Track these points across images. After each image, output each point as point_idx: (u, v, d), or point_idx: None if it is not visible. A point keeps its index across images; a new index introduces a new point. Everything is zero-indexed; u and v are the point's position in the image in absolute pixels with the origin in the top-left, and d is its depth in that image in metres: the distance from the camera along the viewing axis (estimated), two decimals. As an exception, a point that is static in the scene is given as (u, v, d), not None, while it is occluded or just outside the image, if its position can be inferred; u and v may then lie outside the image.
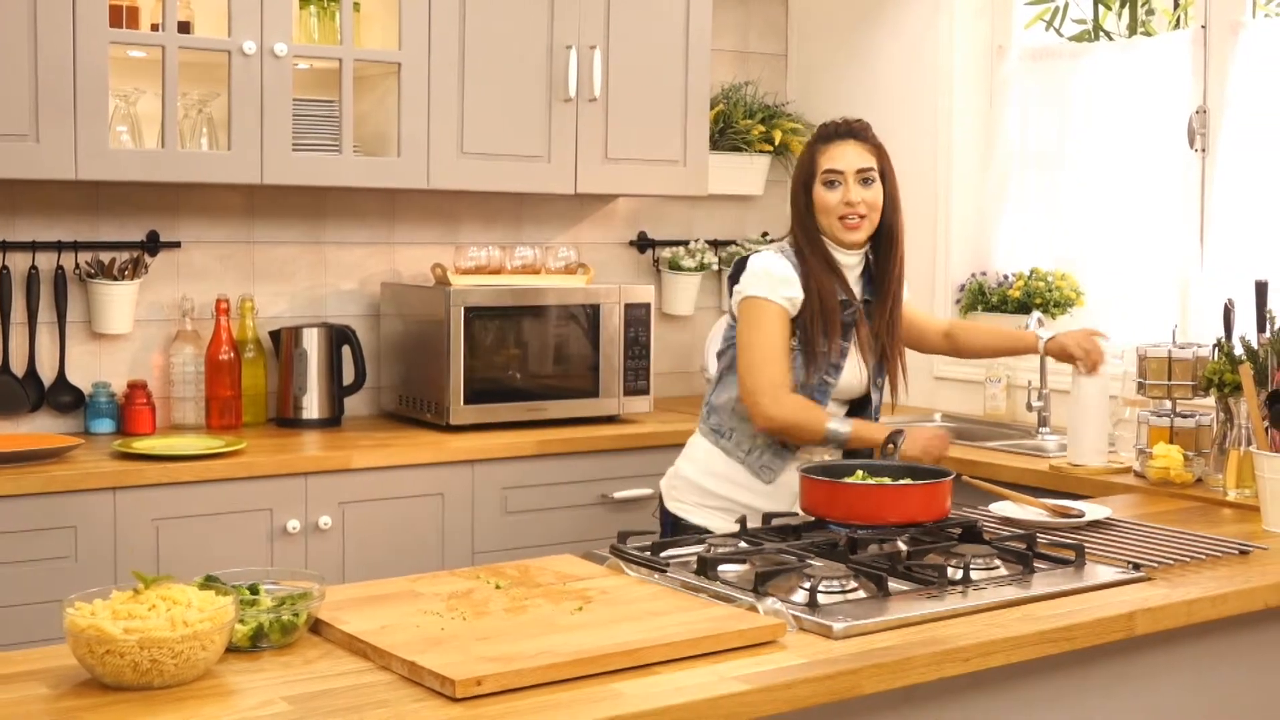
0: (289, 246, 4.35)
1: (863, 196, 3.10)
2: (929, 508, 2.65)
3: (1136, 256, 4.29)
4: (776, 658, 2.03)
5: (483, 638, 2.03)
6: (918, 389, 4.75)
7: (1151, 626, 2.33)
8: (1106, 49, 4.46)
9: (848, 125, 3.17)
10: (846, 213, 3.10)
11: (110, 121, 3.77)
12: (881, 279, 3.18)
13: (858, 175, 3.10)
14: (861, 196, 3.10)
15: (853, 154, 3.12)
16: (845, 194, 3.09)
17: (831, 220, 3.11)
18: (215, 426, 4.10)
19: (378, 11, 4.21)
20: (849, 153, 3.12)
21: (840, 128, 3.16)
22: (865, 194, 3.10)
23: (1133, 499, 3.27)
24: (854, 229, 3.11)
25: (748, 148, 4.99)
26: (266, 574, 2.22)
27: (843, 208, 3.09)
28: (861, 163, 3.11)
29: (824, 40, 5.16)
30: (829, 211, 3.11)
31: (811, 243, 3.12)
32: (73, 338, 4.03)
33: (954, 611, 2.24)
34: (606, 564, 2.50)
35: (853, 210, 3.09)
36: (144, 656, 1.81)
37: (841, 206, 3.09)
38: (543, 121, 4.30)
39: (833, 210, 3.10)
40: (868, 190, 3.11)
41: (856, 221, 3.10)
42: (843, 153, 3.12)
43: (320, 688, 1.87)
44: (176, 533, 3.56)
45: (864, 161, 3.12)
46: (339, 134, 4.02)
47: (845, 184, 3.10)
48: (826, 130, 3.17)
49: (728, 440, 3.20)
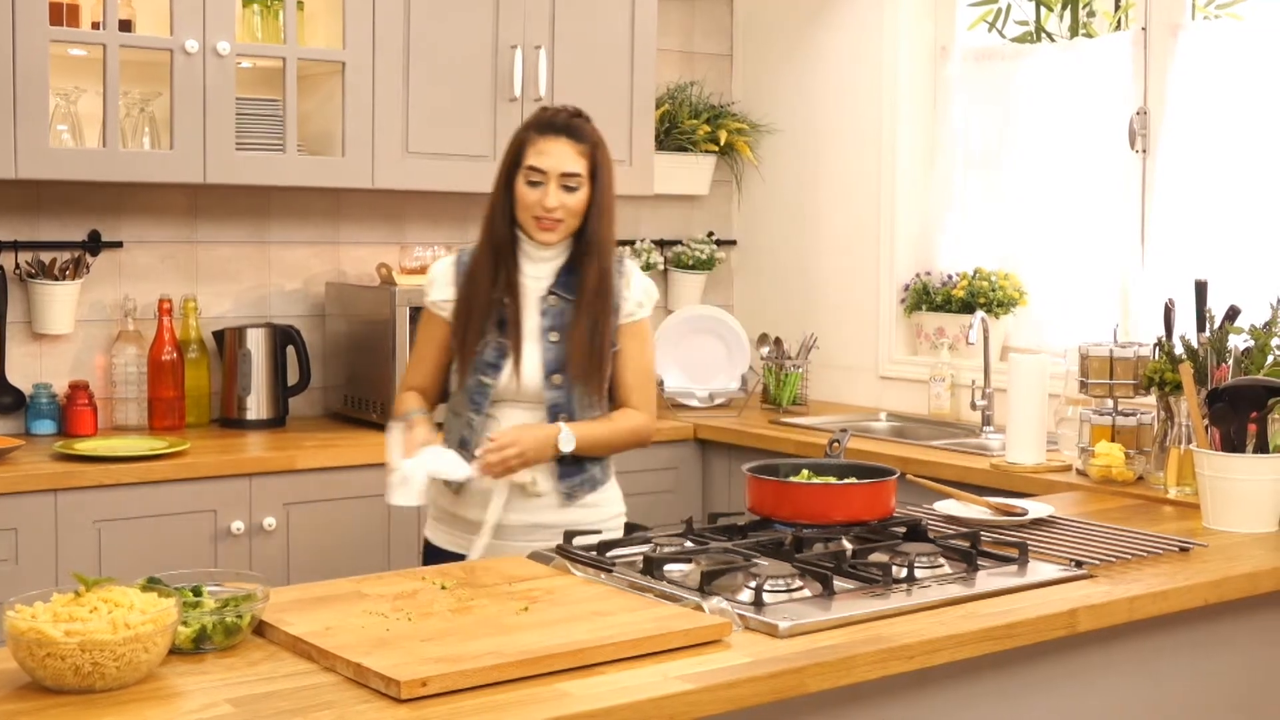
0: (233, 246, 4.32)
1: (561, 202, 2.92)
2: (873, 506, 2.67)
3: (1078, 256, 4.32)
4: (722, 657, 2.03)
5: (428, 639, 2.02)
6: (864, 389, 4.80)
7: (1094, 623, 2.35)
8: (1048, 50, 4.49)
9: (564, 119, 2.96)
10: (542, 215, 2.93)
11: (51, 120, 3.73)
12: (579, 288, 2.98)
13: (561, 179, 2.92)
14: (560, 202, 2.92)
15: (562, 154, 2.92)
16: (544, 197, 2.92)
17: (527, 217, 2.95)
18: (158, 427, 4.06)
19: (321, 10, 4.19)
20: (558, 152, 2.92)
21: (556, 120, 2.96)
22: (566, 199, 2.92)
23: (1075, 497, 3.30)
24: (548, 230, 2.94)
25: (693, 148, 5.00)
26: (210, 575, 2.21)
27: (539, 209, 2.92)
28: (568, 165, 2.92)
29: (769, 40, 5.17)
30: (526, 209, 2.94)
31: (496, 231, 2.97)
32: (13, 338, 3.98)
33: (899, 610, 2.25)
34: (553, 564, 2.50)
35: (548, 215, 2.92)
36: (85, 659, 1.80)
37: (538, 208, 2.92)
38: (488, 121, 4.29)
39: (529, 209, 2.93)
40: (569, 196, 2.93)
41: (551, 225, 2.94)
42: (551, 150, 2.93)
43: (265, 689, 1.86)
44: (119, 534, 3.53)
45: (572, 164, 2.92)
46: (283, 133, 4.00)
47: (546, 186, 2.92)
48: (543, 119, 2.97)
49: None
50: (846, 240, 4.90)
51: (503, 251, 2.97)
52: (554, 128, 2.94)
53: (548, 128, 2.94)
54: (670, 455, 4.41)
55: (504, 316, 2.96)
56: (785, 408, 4.70)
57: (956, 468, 3.68)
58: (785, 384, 4.73)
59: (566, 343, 2.96)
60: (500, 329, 2.95)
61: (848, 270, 4.90)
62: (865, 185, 4.82)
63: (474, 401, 2.97)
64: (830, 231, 4.96)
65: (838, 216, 4.93)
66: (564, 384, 2.96)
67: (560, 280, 2.99)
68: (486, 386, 2.96)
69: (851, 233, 4.88)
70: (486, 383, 2.96)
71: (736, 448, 4.33)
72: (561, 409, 2.96)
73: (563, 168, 2.91)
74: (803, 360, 4.77)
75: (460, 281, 2.99)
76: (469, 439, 2.97)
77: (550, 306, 2.98)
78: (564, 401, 2.97)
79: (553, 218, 2.92)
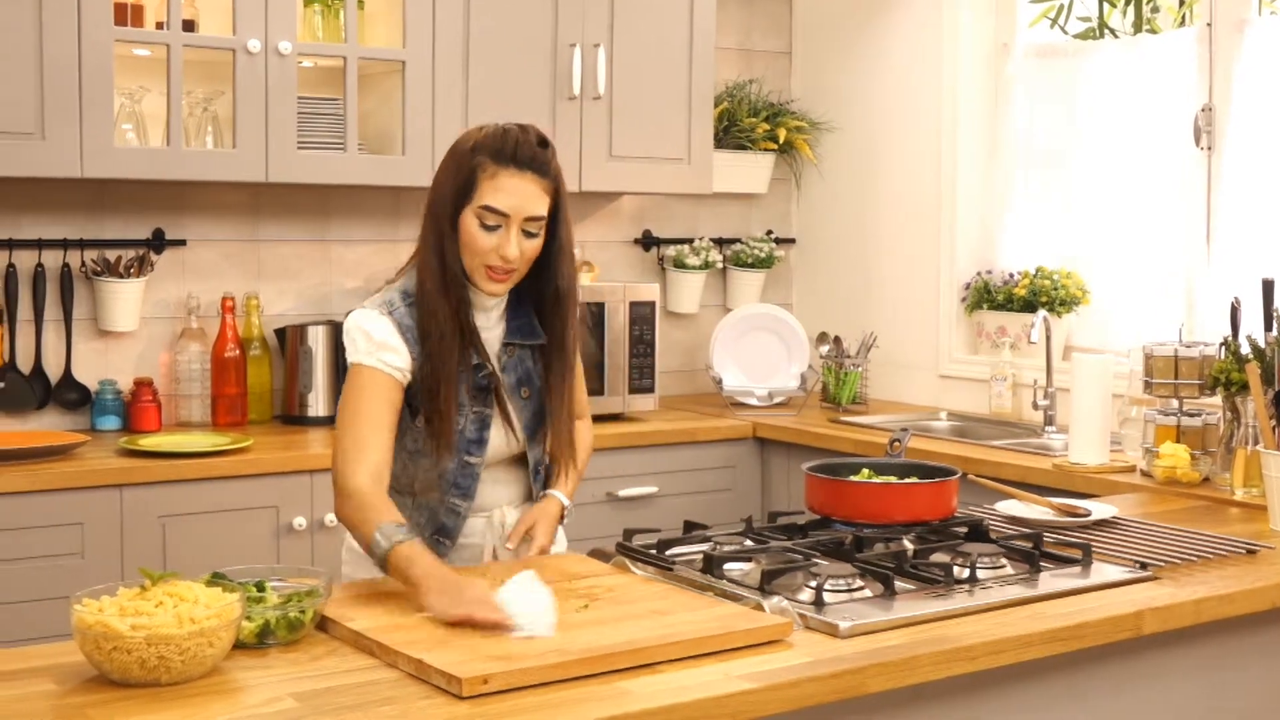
0: (294, 244, 4.35)
1: (522, 249, 2.43)
2: (935, 506, 2.65)
3: (1143, 254, 4.28)
4: (783, 656, 2.02)
5: (489, 635, 2.02)
6: (924, 388, 4.77)
7: (1159, 626, 2.33)
8: (1112, 47, 4.45)
9: (530, 151, 2.42)
10: (498, 265, 2.43)
11: (115, 120, 3.77)
12: (552, 345, 2.58)
13: (524, 224, 2.43)
14: (521, 250, 2.43)
15: (527, 194, 2.41)
16: (503, 245, 2.41)
17: (475, 264, 2.44)
18: (221, 424, 4.10)
19: (382, 9, 4.21)
20: (523, 192, 2.41)
21: (521, 152, 2.41)
22: (526, 245, 2.44)
23: (1139, 498, 3.27)
24: (499, 282, 2.46)
25: (752, 146, 4.99)
26: (273, 571, 2.23)
27: (494, 257, 2.42)
28: (534, 208, 2.42)
29: (828, 38, 5.15)
30: (476, 254, 2.43)
31: (452, 278, 2.45)
32: (79, 335, 4.03)
33: (961, 610, 2.24)
34: (612, 562, 2.50)
35: (507, 265, 2.44)
36: (151, 653, 1.81)
37: (493, 255, 2.42)
38: (547, 119, 4.29)
39: (480, 255, 2.43)
40: (529, 243, 2.44)
41: (504, 276, 2.45)
42: (515, 189, 2.41)
43: (327, 685, 1.87)
44: (182, 530, 3.56)
45: (537, 208, 2.43)
46: (344, 132, 4.02)
47: (507, 231, 2.41)
48: (504, 148, 2.42)
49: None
50: (906, 238, 4.87)
51: (462, 302, 2.47)
52: (518, 161, 2.41)
53: (510, 160, 2.41)
54: (729, 454, 4.41)
55: (479, 383, 2.51)
56: (845, 407, 4.68)
57: (1018, 468, 3.65)
58: (845, 383, 4.71)
59: (547, 399, 2.59)
60: (475, 397, 2.51)
61: (908, 268, 4.87)
62: (925, 183, 4.80)
63: (459, 486, 2.54)
64: (890, 229, 4.94)
65: (898, 214, 4.91)
66: (544, 438, 2.63)
67: (512, 326, 2.56)
68: (474, 467, 2.54)
69: (912, 231, 4.85)
70: (473, 462, 2.54)
71: (795, 446, 4.31)
72: (540, 463, 2.65)
73: (527, 211, 2.42)
74: (862, 359, 4.75)
75: (411, 343, 2.46)
76: (453, 526, 2.58)
77: (510, 359, 2.56)
78: (542, 457, 2.65)
79: (509, 269, 2.45)
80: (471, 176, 2.42)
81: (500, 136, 2.43)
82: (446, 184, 2.45)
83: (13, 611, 3.37)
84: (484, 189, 2.41)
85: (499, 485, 2.63)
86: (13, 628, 3.32)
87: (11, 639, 3.17)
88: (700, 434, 4.36)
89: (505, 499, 2.64)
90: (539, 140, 2.45)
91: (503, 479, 2.63)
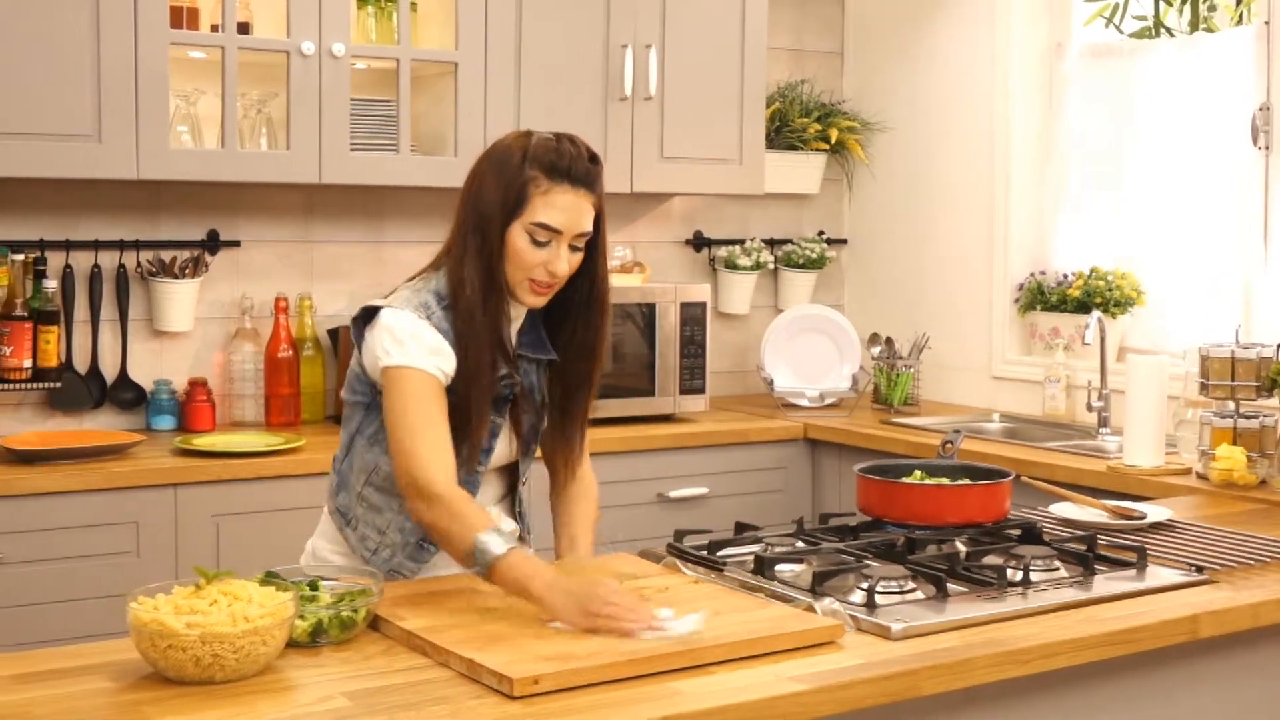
0: (347, 245, 4.37)
1: (571, 265, 2.40)
2: (988, 508, 2.63)
3: (1199, 255, 4.24)
4: (834, 658, 2.02)
5: (541, 635, 2.03)
6: (977, 389, 4.74)
7: (1215, 629, 2.30)
8: (1167, 46, 4.41)
9: (584, 166, 2.37)
10: (544, 279, 2.39)
11: (171, 122, 3.80)
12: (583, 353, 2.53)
13: (573, 239, 2.39)
14: (570, 266, 2.40)
15: (580, 210, 2.37)
16: (552, 260, 2.37)
17: (520, 278, 2.39)
18: (274, 424, 4.12)
19: (435, 11, 4.23)
20: (576, 208, 2.37)
21: (575, 168, 2.36)
22: (573, 260, 2.40)
23: (1195, 501, 3.24)
24: (541, 295, 2.42)
25: (804, 146, 4.98)
26: (326, 570, 2.24)
27: (541, 272, 2.38)
28: (584, 225, 2.38)
29: (880, 37, 5.13)
30: (522, 268, 2.38)
31: (485, 291, 2.39)
32: (135, 335, 4.07)
33: (1014, 613, 2.22)
34: (663, 563, 2.49)
35: (554, 280, 2.40)
36: (205, 651, 1.83)
37: (541, 271, 2.38)
38: (598, 120, 4.30)
39: (527, 269, 2.38)
40: (575, 257, 2.40)
41: (547, 290, 2.41)
42: (569, 206, 2.36)
43: (379, 684, 1.88)
44: (236, 528, 3.59)
45: (587, 224, 2.39)
46: (396, 134, 4.04)
47: (557, 247, 2.37)
48: (558, 163, 2.36)
49: (352, 532, 2.52)
50: (959, 239, 4.84)
51: (502, 315, 2.42)
52: (572, 177, 2.37)
53: (565, 176, 2.36)
54: (780, 455, 4.40)
55: (501, 393, 2.45)
56: (896, 408, 4.66)
57: (1071, 470, 3.62)
58: (896, 384, 4.69)
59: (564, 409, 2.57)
60: (493, 406, 2.44)
61: (960, 269, 4.85)
62: (978, 183, 4.77)
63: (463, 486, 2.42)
64: (942, 230, 4.91)
65: (950, 215, 4.88)
66: (533, 452, 2.59)
67: (524, 340, 2.51)
68: (478, 475, 2.48)
69: (964, 231, 4.83)
70: (480, 470, 2.48)
71: (847, 448, 4.30)
72: (528, 473, 2.60)
73: (580, 227, 2.38)
74: (914, 360, 4.72)
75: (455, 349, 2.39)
76: None
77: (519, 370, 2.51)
78: (529, 466, 2.60)
79: (553, 283, 2.41)
80: (523, 191, 2.36)
81: (553, 150, 2.37)
82: (493, 195, 2.38)
83: (69, 609, 3.41)
84: (537, 205, 2.36)
85: (487, 487, 2.55)
86: (69, 625, 3.36)
87: (67, 636, 3.20)
88: (751, 435, 4.35)
89: (488, 499, 2.56)
90: (590, 156, 2.40)
91: (492, 480, 2.57)
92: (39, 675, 1.90)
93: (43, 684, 1.86)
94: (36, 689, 1.84)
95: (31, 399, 3.95)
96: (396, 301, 2.43)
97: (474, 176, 2.45)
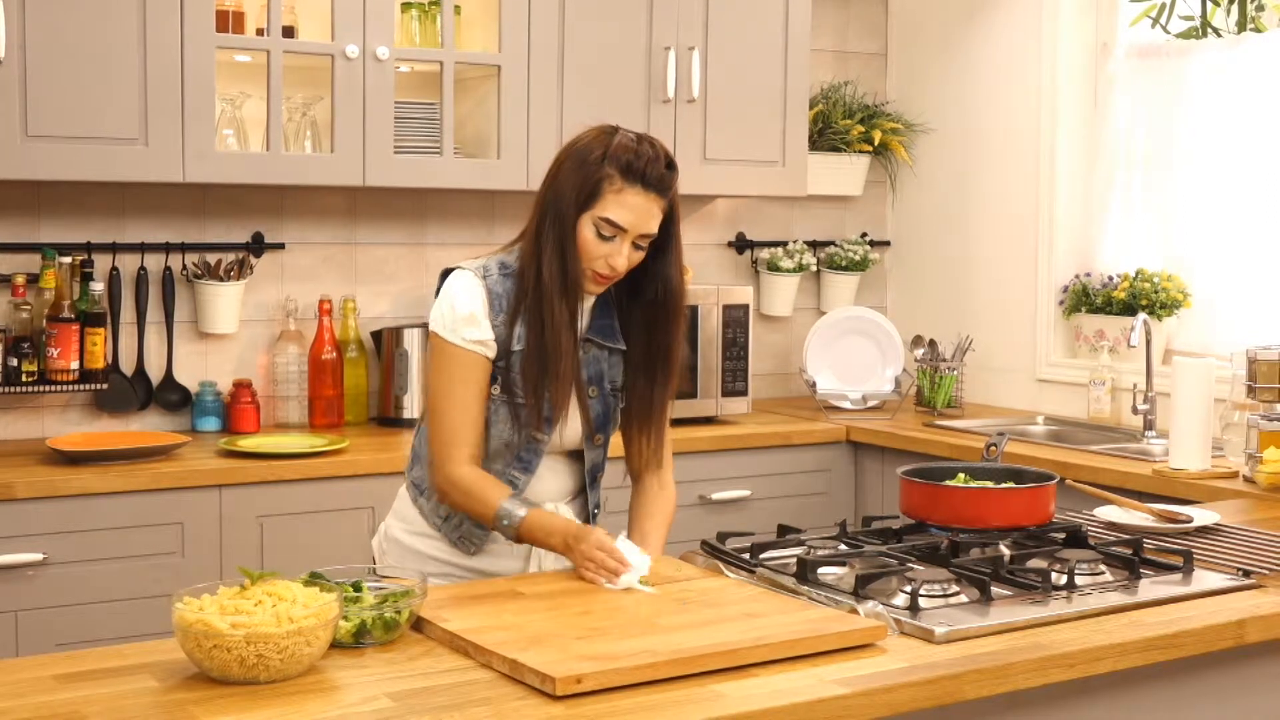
0: (390, 247, 4.39)
1: (631, 262, 2.51)
2: (1032, 512, 2.61)
3: (1246, 257, 4.21)
4: (877, 661, 2.01)
5: (583, 636, 2.03)
6: (1021, 392, 4.72)
7: (1263, 635, 2.28)
8: (1215, 46, 4.37)
9: (659, 172, 2.48)
10: (604, 271, 2.50)
11: (217, 125, 3.83)
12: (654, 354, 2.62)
13: (636, 238, 2.49)
14: (630, 262, 2.51)
15: (648, 213, 2.48)
16: (613, 255, 2.48)
17: (584, 266, 2.50)
18: (318, 425, 4.15)
19: (478, 14, 4.24)
20: (644, 210, 2.47)
21: (651, 172, 2.47)
22: (634, 257, 2.51)
23: (1242, 504, 3.21)
24: (600, 285, 2.54)
25: (847, 148, 4.96)
26: (370, 571, 2.25)
27: (604, 265, 2.49)
28: (649, 227, 2.49)
29: (924, 39, 5.11)
30: (588, 258, 2.49)
31: (560, 270, 2.49)
32: (180, 337, 4.09)
33: (1059, 617, 2.21)
34: (705, 565, 2.49)
35: (614, 274, 2.51)
36: (250, 651, 1.84)
37: (603, 264, 2.49)
38: (641, 122, 4.30)
39: (591, 260, 2.49)
40: (636, 254, 2.51)
41: (607, 281, 2.53)
42: (637, 207, 2.46)
43: (422, 684, 1.89)
44: (280, 529, 3.61)
45: (652, 226, 2.49)
46: (440, 136, 4.05)
47: (620, 243, 2.48)
48: (635, 166, 2.46)
49: (426, 501, 2.64)
50: (1003, 241, 4.82)
51: (570, 293, 2.52)
52: (646, 181, 2.47)
53: (639, 179, 2.46)
54: (822, 457, 4.39)
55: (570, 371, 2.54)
56: (940, 410, 4.64)
57: (1117, 473, 3.60)
58: (940, 386, 4.67)
59: (624, 402, 2.66)
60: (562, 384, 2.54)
61: (1004, 271, 4.82)
62: (1023, 185, 4.74)
63: (522, 459, 2.59)
64: (987, 232, 4.89)
65: (994, 217, 4.86)
66: (604, 444, 2.68)
67: (595, 325, 2.61)
68: (540, 444, 2.58)
69: (1008, 233, 4.80)
70: (541, 439, 2.57)
71: (889, 450, 4.28)
72: (599, 469, 2.70)
73: (644, 229, 2.49)
74: (958, 362, 4.70)
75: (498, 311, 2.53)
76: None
77: (585, 355, 2.60)
78: (600, 461, 2.70)
79: (613, 276, 2.52)
80: (597, 186, 2.46)
81: (632, 152, 2.47)
82: (569, 185, 2.49)
83: (115, 609, 3.44)
84: (608, 200, 2.46)
85: (556, 476, 2.65)
86: (115, 625, 3.38)
87: (113, 636, 3.23)
88: (794, 437, 4.35)
89: (557, 493, 2.66)
90: (667, 162, 2.50)
91: (561, 470, 2.66)
92: (86, 675, 1.91)
93: (90, 683, 1.88)
94: (83, 688, 1.86)
95: (78, 400, 3.98)
96: (466, 263, 2.59)
97: (556, 165, 2.55)
